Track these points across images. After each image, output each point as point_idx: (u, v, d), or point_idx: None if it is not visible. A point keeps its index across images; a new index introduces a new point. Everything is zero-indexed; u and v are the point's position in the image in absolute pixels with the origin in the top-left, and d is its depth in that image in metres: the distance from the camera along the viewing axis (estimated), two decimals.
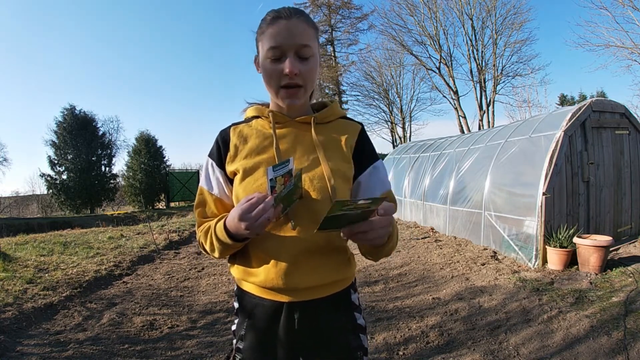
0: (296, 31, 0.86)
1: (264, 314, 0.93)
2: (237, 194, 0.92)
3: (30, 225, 11.93)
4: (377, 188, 0.97)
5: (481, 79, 19.07)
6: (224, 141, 0.99)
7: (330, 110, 1.01)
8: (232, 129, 1.00)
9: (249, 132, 0.99)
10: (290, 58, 0.86)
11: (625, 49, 12.28)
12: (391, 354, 2.53)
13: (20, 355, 2.73)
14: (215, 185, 0.98)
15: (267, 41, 0.87)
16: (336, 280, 0.93)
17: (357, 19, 25.69)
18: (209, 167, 0.99)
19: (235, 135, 0.98)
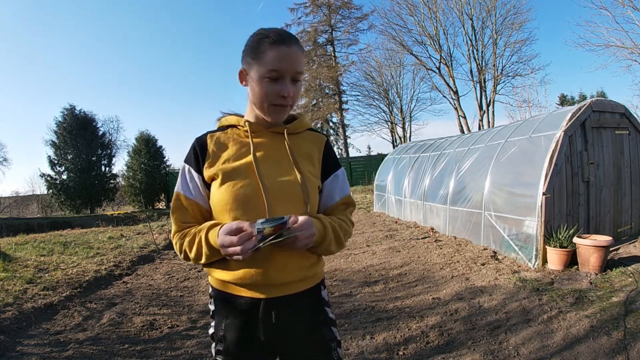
0: (295, 59, 0.96)
1: (241, 310, 1.00)
2: (217, 198, 0.99)
3: (30, 225, 11.93)
4: (337, 193, 1.12)
5: (481, 79, 19.08)
6: (202, 147, 1.05)
7: (300, 123, 1.11)
8: (208, 137, 1.06)
9: (226, 139, 1.06)
10: (286, 83, 0.96)
11: (625, 49, 12.28)
12: (391, 354, 2.53)
13: (20, 355, 2.73)
14: (192, 190, 1.03)
15: (269, 64, 0.94)
16: (307, 276, 1.03)
17: (357, 19, 25.75)
18: (186, 172, 1.05)
19: (213, 142, 1.05)
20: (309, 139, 1.11)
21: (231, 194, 0.97)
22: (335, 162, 1.13)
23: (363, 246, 5.92)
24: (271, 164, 1.02)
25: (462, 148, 6.48)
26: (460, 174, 5.98)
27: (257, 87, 0.97)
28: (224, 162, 1.02)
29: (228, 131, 1.08)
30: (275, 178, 1.00)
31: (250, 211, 0.96)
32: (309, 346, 1.05)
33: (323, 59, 26.68)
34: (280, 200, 0.97)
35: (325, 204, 1.12)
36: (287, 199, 0.98)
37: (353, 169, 19.94)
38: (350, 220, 1.13)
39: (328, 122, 27.43)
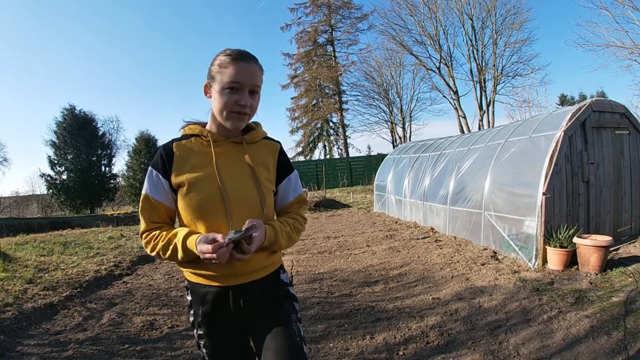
0: (253, 74, 1.11)
1: (214, 299, 1.16)
2: (184, 205, 1.13)
3: (30, 225, 11.93)
4: (291, 194, 1.30)
5: (481, 79, 19.07)
6: (168, 155, 1.16)
7: (257, 133, 1.26)
8: (174, 145, 1.18)
9: (190, 148, 1.18)
10: (244, 94, 1.11)
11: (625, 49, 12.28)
12: (391, 354, 2.53)
13: (20, 355, 2.73)
14: (159, 193, 1.16)
15: (229, 76, 1.09)
16: (266, 265, 1.21)
17: (357, 19, 25.77)
18: (154, 177, 1.16)
19: (179, 151, 1.17)
20: (264, 147, 1.26)
21: (197, 202, 1.12)
22: (288, 166, 1.30)
23: (363, 246, 5.92)
24: (231, 172, 1.16)
25: (462, 148, 6.48)
26: (460, 174, 5.98)
27: (218, 97, 1.11)
28: (189, 171, 1.14)
29: (192, 140, 1.20)
30: (235, 185, 1.15)
31: (215, 216, 1.12)
32: (272, 318, 1.19)
33: (323, 59, 26.68)
34: (240, 205, 1.13)
35: (281, 203, 1.29)
36: (246, 204, 1.14)
37: (353, 169, 19.94)
38: (303, 217, 1.31)
39: (328, 122, 27.43)
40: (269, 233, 1.13)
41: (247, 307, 1.17)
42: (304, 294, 3.82)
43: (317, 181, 18.63)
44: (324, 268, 4.79)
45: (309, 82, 26.33)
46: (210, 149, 1.17)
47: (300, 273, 4.60)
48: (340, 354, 2.56)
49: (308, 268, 4.82)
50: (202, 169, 1.15)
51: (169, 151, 1.17)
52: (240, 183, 1.16)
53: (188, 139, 1.20)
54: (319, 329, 2.95)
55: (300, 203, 1.32)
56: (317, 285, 4.06)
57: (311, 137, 27.58)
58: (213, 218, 1.12)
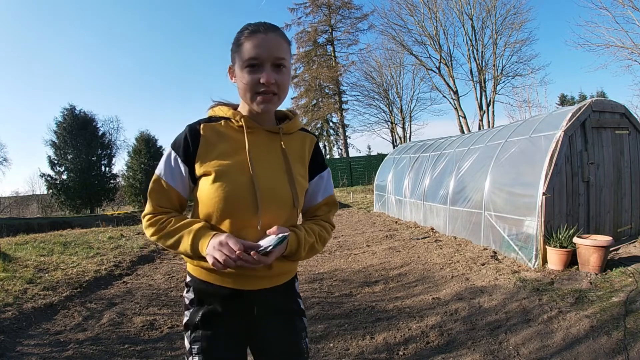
0: (273, 45, 0.95)
1: (223, 300, 1.03)
2: (208, 195, 0.98)
3: (30, 225, 11.93)
4: (320, 194, 1.16)
5: (481, 79, 19.07)
6: (194, 137, 1.01)
7: (294, 123, 1.12)
8: (202, 127, 1.03)
9: (219, 132, 1.03)
10: (267, 69, 0.95)
11: (625, 49, 12.28)
12: (391, 354, 2.53)
13: (20, 355, 2.73)
14: (177, 179, 1.02)
15: (246, 52, 0.95)
16: (287, 271, 1.10)
17: (357, 19, 25.76)
18: (172, 159, 1.02)
19: (207, 133, 1.02)
20: (300, 139, 1.13)
21: (225, 193, 0.97)
22: (322, 163, 1.17)
23: (363, 246, 5.92)
24: (264, 164, 1.02)
25: (462, 148, 6.48)
26: (460, 174, 5.98)
27: (240, 79, 0.98)
28: (217, 158, 1.00)
29: (222, 123, 1.05)
30: (268, 179, 1.01)
31: (243, 211, 0.98)
32: (283, 332, 1.10)
33: (323, 59, 26.68)
34: (271, 202, 1.00)
35: (309, 203, 1.16)
36: (277, 201, 1.01)
37: (353, 169, 19.95)
38: (332, 223, 1.19)
39: (328, 122, 27.45)
40: (292, 243, 1.00)
41: (259, 314, 1.06)
42: (304, 294, 3.82)
43: None
44: (324, 268, 4.79)
45: (309, 82, 26.33)
46: (243, 136, 1.03)
47: (300, 273, 4.60)
48: (340, 354, 2.56)
49: (308, 268, 4.82)
50: (232, 157, 1.01)
51: (196, 133, 1.01)
52: (274, 177, 1.03)
53: (217, 121, 1.05)
54: (319, 329, 2.95)
55: (329, 206, 1.18)
56: (317, 285, 4.06)
57: None
58: (240, 213, 0.98)
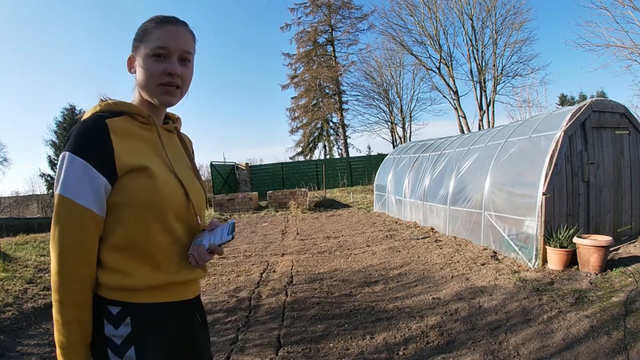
0: (182, 37, 0.92)
1: (172, 320, 0.91)
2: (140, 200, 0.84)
3: (30, 225, 11.93)
4: None
5: (481, 79, 19.06)
6: (105, 136, 0.82)
7: (180, 122, 1.09)
8: (109, 122, 0.84)
9: (127, 129, 0.88)
10: (173, 61, 0.90)
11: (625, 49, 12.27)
12: (391, 354, 2.53)
13: (20, 355, 2.73)
14: (95, 197, 0.80)
15: (155, 41, 0.89)
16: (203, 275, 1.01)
17: (357, 19, 25.75)
18: (80, 169, 0.78)
19: (116, 130, 0.84)
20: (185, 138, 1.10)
21: (161, 195, 0.86)
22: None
23: (363, 246, 5.92)
24: (179, 166, 0.97)
25: (462, 148, 6.48)
26: (460, 174, 5.98)
27: (143, 67, 0.90)
28: (139, 157, 0.86)
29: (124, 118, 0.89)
30: (186, 177, 0.96)
31: (180, 220, 0.92)
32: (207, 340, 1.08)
33: (323, 59, 26.67)
34: (195, 197, 0.96)
35: None
36: (199, 200, 0.98)
37: (353, 169, 19.93)
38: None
39: (328, 122, 27.42)
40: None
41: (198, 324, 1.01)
42: (304, 294, 3.82)
43: (317, 181, 18.62)
44: (324, 268, 4.79)
45: (309, 82, 26.32)
46: (152, 134, 0.93)
47: (300, 273, 4.60)
48: (340, 354, 2.56)
49: (308, 268, 4.82)
50: (151, 155, 0.90)
51: (104, 130, 0.82)
52: (190, 179, 0.98)
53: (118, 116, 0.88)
54: (319, 329, 2.95)
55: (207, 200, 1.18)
56: (317, 285, 4.06)
57: (311, 137, 27.58)
58: (177, 220, 0.91)
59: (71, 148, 0.80)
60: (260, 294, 3.88)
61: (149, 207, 0.85)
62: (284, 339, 2.82)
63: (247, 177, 18.73)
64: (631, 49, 12.11)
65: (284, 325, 3.06)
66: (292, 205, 11.70)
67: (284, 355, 2.57)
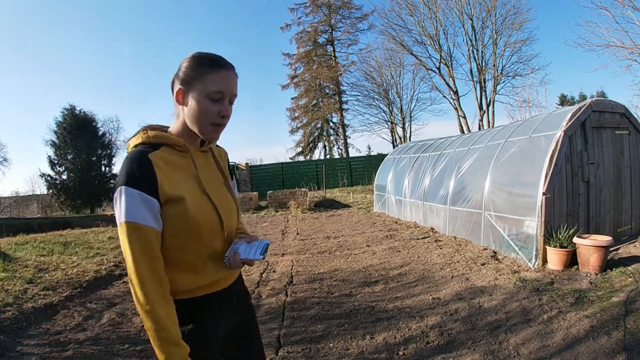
0: (234, 83, 1.04)
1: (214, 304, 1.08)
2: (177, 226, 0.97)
3: (31, 225, 11.93)
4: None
5: (481, 79, 19.07)
6: (150, 168, 0.95)
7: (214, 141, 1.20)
8: (152, 156, 0.97)
9: (167, 160, 1.00)
10: (226, 104, 1.03)
11: (625, 49, 12.26)
12: (391, 354, 2.53)
13: (20, 355, 2.73)
14: (150, 218, 0.93)
15: (212, 85, 0.99)
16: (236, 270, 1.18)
17: (357, 19, 25.76)
18: (138, 198, 0.92)
19: (158, 163, 0.97)
20: (218, 152, 1.21)
21: (195, 222, 0.99)
22: (231, 171, 1.26)
23: (363, 246, 5.92)
24: (210, 183, 1.08)
25: (462, 148, 6.48)
26: (460, 174, 5.98)
27: (197, 106, 1.00)
28: (177, 185, 0.98)
29: (163, 149, 1.01)
30: (219, 198, 1.08)
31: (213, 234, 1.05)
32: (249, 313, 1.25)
33: (323, 59, 26.67)
34: (227, 218, 1.09)
35: None
36: (230, 217, 1.10)
37: (353, 169, 19.95)
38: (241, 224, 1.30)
39: (328, 122, 27.43)
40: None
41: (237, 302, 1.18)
42: (304, 294, 3.82)
43: (317, 181, 18.63)
44: (324, 268, 4.79)
45: (309, 82, 26.32)
46: (187, 160, 1.05)
47: (300, 273, 4.60)
48: (340, 354, 2.56)
49: (308, 268, 4.82)
50: (187, 182, 1.02)
51: (149, 163, 0.95)
52: (222, 195, 1.10)
53: (158, 149, 1.01)
54: (319, 329, 2.95)
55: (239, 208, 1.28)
56: (317, 285, 4.06)
57: (311, 137, 27.59)
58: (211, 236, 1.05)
59: (125, 183, 0.93)
60: (260, 294, 3.88)
61: (185, 232, 0.99)
62: (284, 339, 2.82)
63: (247, 177, 18.74)
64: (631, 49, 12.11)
65: (284, 325, 3.06)
66: (292, 205, 11.71)
67: (284, 355, 2.57)
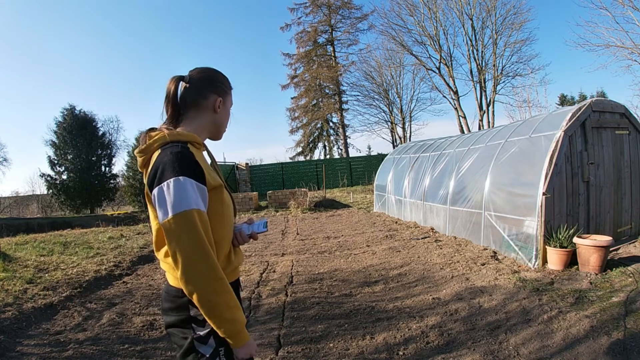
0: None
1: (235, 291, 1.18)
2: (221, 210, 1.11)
3: (30, 225, 11.93)
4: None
5: (481, 79, 19.07)
6: (194, 160, 1.04)
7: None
8: (191, 149, 1.07)
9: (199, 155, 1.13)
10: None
11: (625, 49, 12.26)
12: (391, 354, 2.53)
13: (20, 355, 2.73)
14: (206, 207, 1.04)
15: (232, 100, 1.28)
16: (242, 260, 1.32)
17: (357, 19, 25.76)
18: (192, 186, 0.99)
19: (197, 156, 1.09)
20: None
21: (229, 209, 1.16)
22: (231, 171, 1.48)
23: (363, 246, 5.92)
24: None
25: (462, 148, 6.48)
26: (460, 174, 5.97)
27: (225, 115, 1.24)
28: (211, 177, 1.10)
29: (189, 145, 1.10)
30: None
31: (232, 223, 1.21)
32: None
33: (323, 59, 26.67)
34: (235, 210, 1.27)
35: None
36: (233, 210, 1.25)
37: (353, 169, 19.94)
38: None
39: (328, 122, 27.42)
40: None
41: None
42: (304, 294, 3.82)
43: (317, 181, 18.63)
44: (324, 268, 4.78)
45: (309, 82, 26.32)
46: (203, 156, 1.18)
47: (300, 273, 4.60)
48: (340, 354, 2.56)
49: (308, 268, 4.82)
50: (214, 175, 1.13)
51: (193, 156, 1.04)
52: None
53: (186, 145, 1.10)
54: (319, 329, 2.95)
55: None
56: (317, 285, 4.06)
57: (311, 137, 27.58)
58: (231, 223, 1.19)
59: (180, 173, 0.98)
60: (260, 294, 3.88)
61: (224, 217, 1.12)
62: (284, 339, 2.82)
63: (247, 177, 18.73)
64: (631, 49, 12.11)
65: (284, 325, 3.06)
66: (292, 205, 11.70)
67: (284, 355, 2.57)
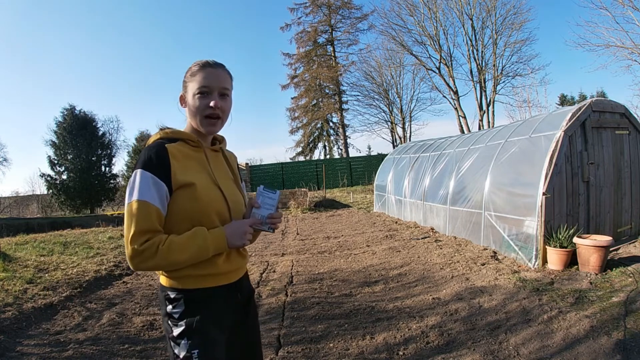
0: (221, 77, 1.16)
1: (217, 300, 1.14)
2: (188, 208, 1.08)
3: (30, 225, 11.92)
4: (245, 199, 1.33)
5: (481, 79, 19.07)
6: (164, 156, 1.07)
7: (224, 143, 1.33)
8: (168, 147, 1.10)
9: (182, 152, 1.13)
10: (215, 96, 1.14)
11: (625, 49, 12.26)
12: (391, 354, 2.53)
13: (20, 355, 2.73)
14: (158, 199, 1.05)
15: (199, 82, 1.13)
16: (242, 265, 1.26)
17: (357, 19, 25.75)
18: (149, 180, 1.04)
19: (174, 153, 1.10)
20: (229, 155, 1.33)
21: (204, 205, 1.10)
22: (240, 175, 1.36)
23: (363, 246, 5.92)
24: (222, 180, 1.19)
25: (462, 148, 6.48)
26: (460, 174, 5.97)
27: (191, 103, 1.15)
28: (189, 174, 1.10)
29: (179, 143, 1.14)
30: (228, 189, 1.19)
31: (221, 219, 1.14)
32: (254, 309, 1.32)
33: (323, 59, 26.66)
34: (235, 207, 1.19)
35: None
36: (238, 208, 1.20)
37: (353, 169, 19.94)
38: None
39: (328, 122, 27.41)
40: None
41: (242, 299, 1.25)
42: (304, 294, 3.82)
43: (317, 181, 18.63)
44: (324, 268, 4.78)
45: (309, 82, 26.31)
46: (200, 154, 1.18)
47: (300, 273, 4.60)
48: (340, 354, 2.56)
49: (308, 268, 4.82)
50: (200, 173, 1.14)
51: (164, 152, 1.08)
52: (232, 190, 1.22)
53: (174, 142, 1.14)
54: (319, 329, 2.95)
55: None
56: (317, 285, 4.06)
57: (311, 137, 27.58)
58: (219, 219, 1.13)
59: (141, 167, 1.05)
60: (260, 294, 3.88)
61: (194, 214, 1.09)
62: (284, 339, 2.82)
63: (247, 177, 18.73)
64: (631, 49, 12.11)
65: (284, 325, 3.06)
66: (292, 205, 11.71)
67: (284, 355, 2.57)
